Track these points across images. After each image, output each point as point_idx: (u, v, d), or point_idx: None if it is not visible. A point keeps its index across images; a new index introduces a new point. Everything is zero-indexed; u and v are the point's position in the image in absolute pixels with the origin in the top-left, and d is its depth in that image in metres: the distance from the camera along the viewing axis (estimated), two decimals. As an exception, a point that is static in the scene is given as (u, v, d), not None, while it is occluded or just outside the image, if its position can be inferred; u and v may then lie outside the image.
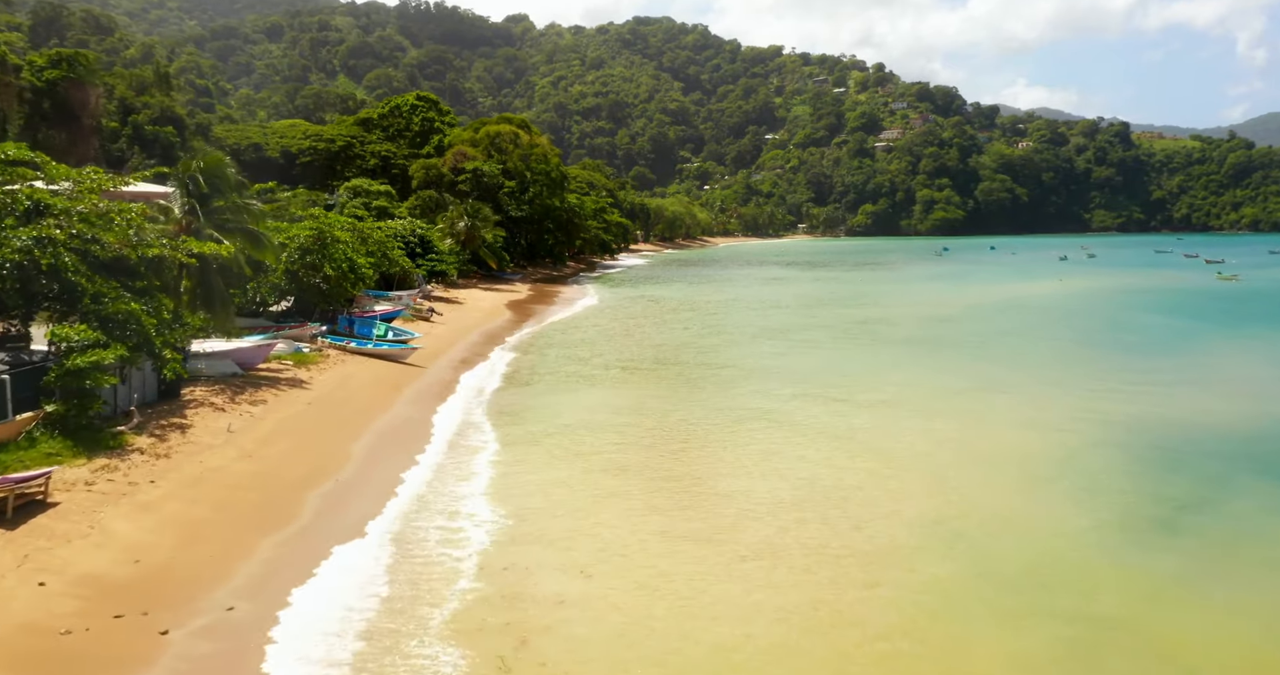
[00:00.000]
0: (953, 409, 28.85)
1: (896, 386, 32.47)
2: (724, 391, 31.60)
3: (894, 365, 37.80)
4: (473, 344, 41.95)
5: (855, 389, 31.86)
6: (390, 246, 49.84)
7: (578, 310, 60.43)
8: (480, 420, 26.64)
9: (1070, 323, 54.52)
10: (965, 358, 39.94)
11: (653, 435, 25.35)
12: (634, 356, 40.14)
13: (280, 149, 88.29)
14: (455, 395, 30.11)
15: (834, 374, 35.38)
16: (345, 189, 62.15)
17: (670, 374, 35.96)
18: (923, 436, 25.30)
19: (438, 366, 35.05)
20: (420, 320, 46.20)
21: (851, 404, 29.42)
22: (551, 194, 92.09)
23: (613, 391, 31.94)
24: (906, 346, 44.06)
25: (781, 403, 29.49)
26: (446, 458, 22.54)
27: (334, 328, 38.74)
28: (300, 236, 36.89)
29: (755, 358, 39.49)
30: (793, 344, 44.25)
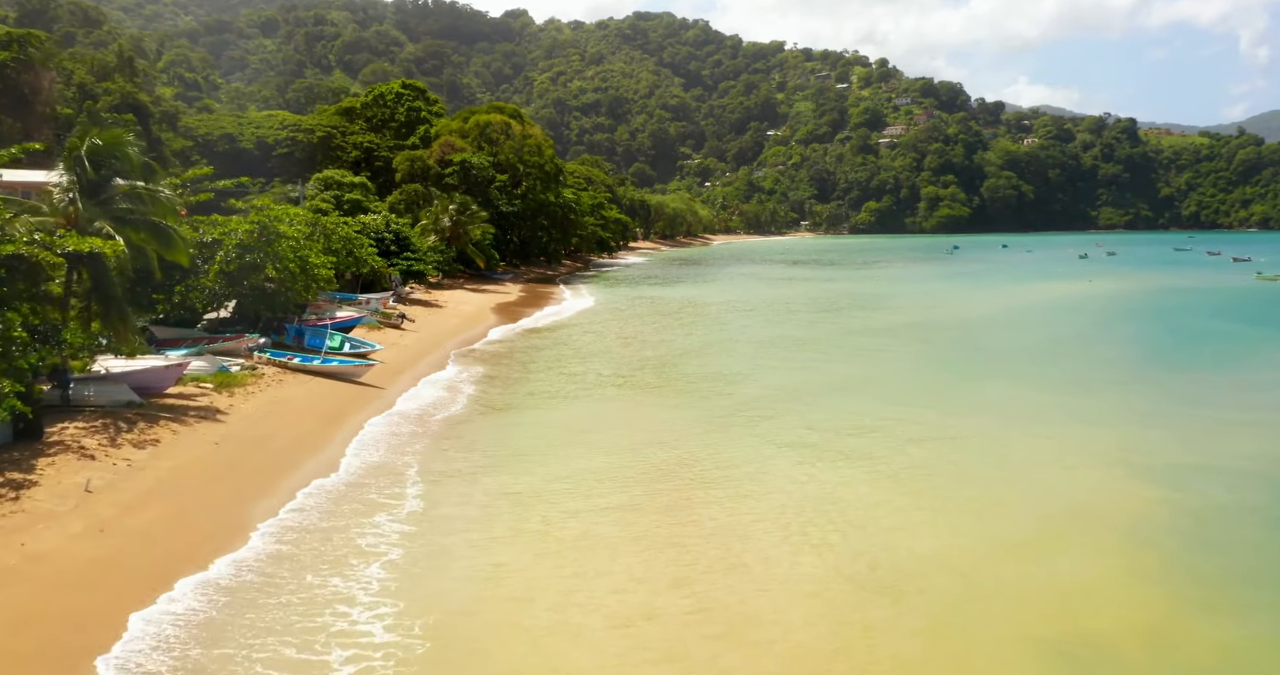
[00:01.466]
0: (1030, 450, 23.10)
1: (948, 416, 26.81)
2: (737, 420, 25.92)
3: (939, 385, 31.99)
4: (446, 356, 36.24)
5: (897, 418, 26.17)
6: (358, 244, 44.23)
7: (571, 314, 54.83)
8: (435, 465, 21.04)
9: (1126, 330, 48.50)
10: (1021, 375, 34.06)
11: (651, 491, 19.76)
12: (630, 371, 34.49)
13: (255, 140, 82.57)
14: (410, 428, 24.49)
15: (868, 396, 29.64)
16: (317, 180, 56.52)
17: (672, 394, 30.30)
18: (1000, 491, 19.69)
19: (398, 387, 29.43)
20: (390, 328, 40.61)
21: (896, 440, 23.74)
22: (546, 188, 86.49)
23: (601, 421, 26.34)
24: (947, 360, 38.28)
25: (806, 435, 23.86)
26: (382, 526, 16.97)
27: (281, 339, 33.18)
28: (239, 231, 31.30)
29: (770, 374, 33.61)
30: (812, 356, 38.49)
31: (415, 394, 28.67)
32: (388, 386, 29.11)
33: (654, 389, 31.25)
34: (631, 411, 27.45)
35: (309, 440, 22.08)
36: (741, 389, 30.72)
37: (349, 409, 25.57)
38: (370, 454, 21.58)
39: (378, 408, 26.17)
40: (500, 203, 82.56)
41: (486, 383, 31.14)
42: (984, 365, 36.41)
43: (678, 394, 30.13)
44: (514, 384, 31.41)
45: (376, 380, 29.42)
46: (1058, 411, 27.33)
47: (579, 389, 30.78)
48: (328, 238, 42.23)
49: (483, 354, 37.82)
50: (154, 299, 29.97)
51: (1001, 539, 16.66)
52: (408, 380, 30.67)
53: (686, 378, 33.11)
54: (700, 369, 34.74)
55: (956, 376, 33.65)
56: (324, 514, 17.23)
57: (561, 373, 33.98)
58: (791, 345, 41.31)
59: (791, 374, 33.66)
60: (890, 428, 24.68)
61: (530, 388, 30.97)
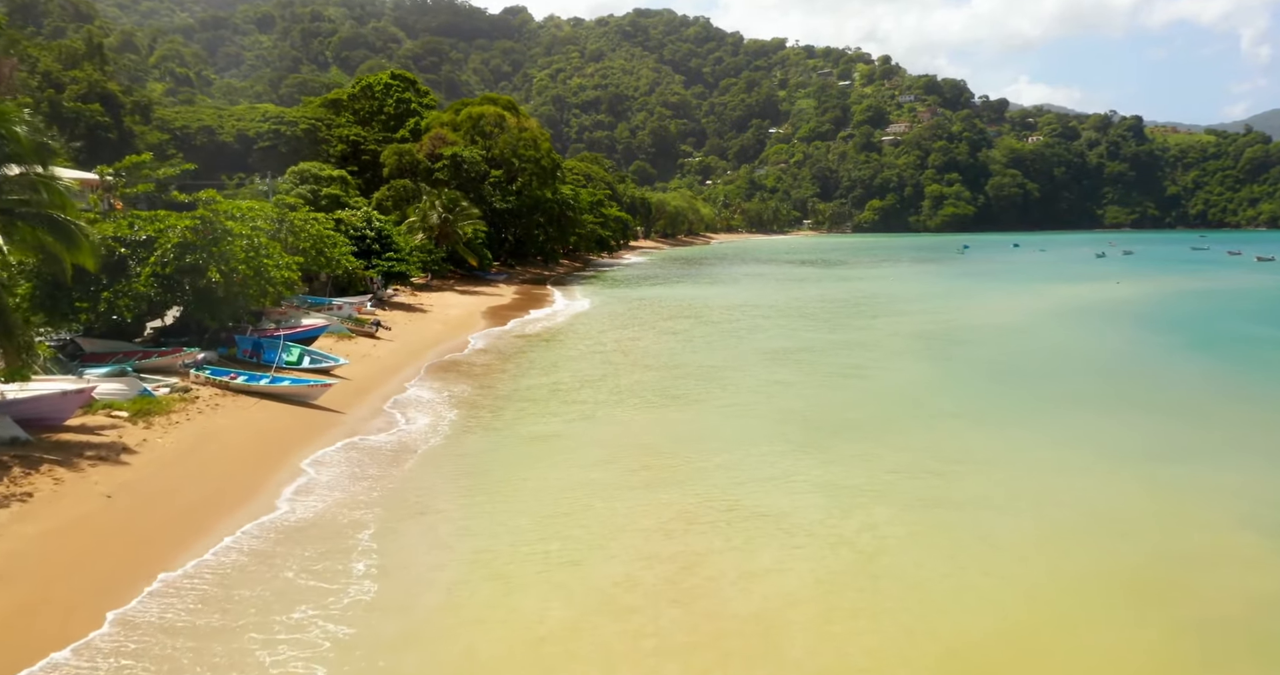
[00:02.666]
0: (1114, 502, 18.75)
1: (1008, 452, 22.39)
2: (752, 461, 21.52)
3: (988, 412, 27.27)
4: (423, 371, 31.79)
5: (946, 454, 21.81)
6: (331, 242, 39.85)
7: (567, 319, 50.42)
8: (392, 521, 16.70)
9: (1181, 338, 43.59)
10: (1079, 396, 29.42)
11: (650, 558, 15.42)
12: (628, 391, 30.02)
13: (236, 133, 78.16)
14: (367, 468, 20.13)
15: (908, 426, 25.15)
16: (292, 173, 52.13)
17: (677, 422, 25.90)
18: (1084, 561, 15.35)
19: (361, 410, 25.08)
20: (363, 337, 36.24)
21: (949, 483, 19.38)
22: (542, 184, 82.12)
23: (598, 459, 21.98)
24: (991, 374, 33.54)
25: (842, 478, 19.45)
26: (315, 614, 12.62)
27: (232, 353, 28.83)
28: (178, 228, 26.93)
29: (787, 397, 28.92)
30: (835, 371, 33.68)
31: (379, 420, 24.28)
32: (348, 410, 24.75)
33: (656, 417, 26.84)
34: (633, 446, 23.09)
35: (234, 488, 17.69)
36: (756, 417, 26.31)
37: (295, 441, 21.20)
38: (310, 506, 17.21)
39: (331, 439, 21.80)
40: (494, 199, 78.20)
41: (465, 406, 26.72)
42: (1052, 385, 31.27)
43: (684, 426, 25.71)
44: (497, 408, 26.99)
45: (336, 402, 25.07)
46: (1132, 446, 22.98)
47: (573, 415, 26.38)
48: (295, 236, 37.93)
49: (466, 368, 33.37)
50: (77, 307, 25.68)
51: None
52: (374, 402, 26.30)
53: (692, 403, 28.67)
54: (708, 391, 30.25)
55: (1027, 401, 28.52)
56: (220, 605, 12.84)
57: (554, 393, 29.58)
58: (810, 358, 36.76)
59: (814, 397, 29.17)
60: (945, 477, 20.26)
61: (516, 412, 26.55)
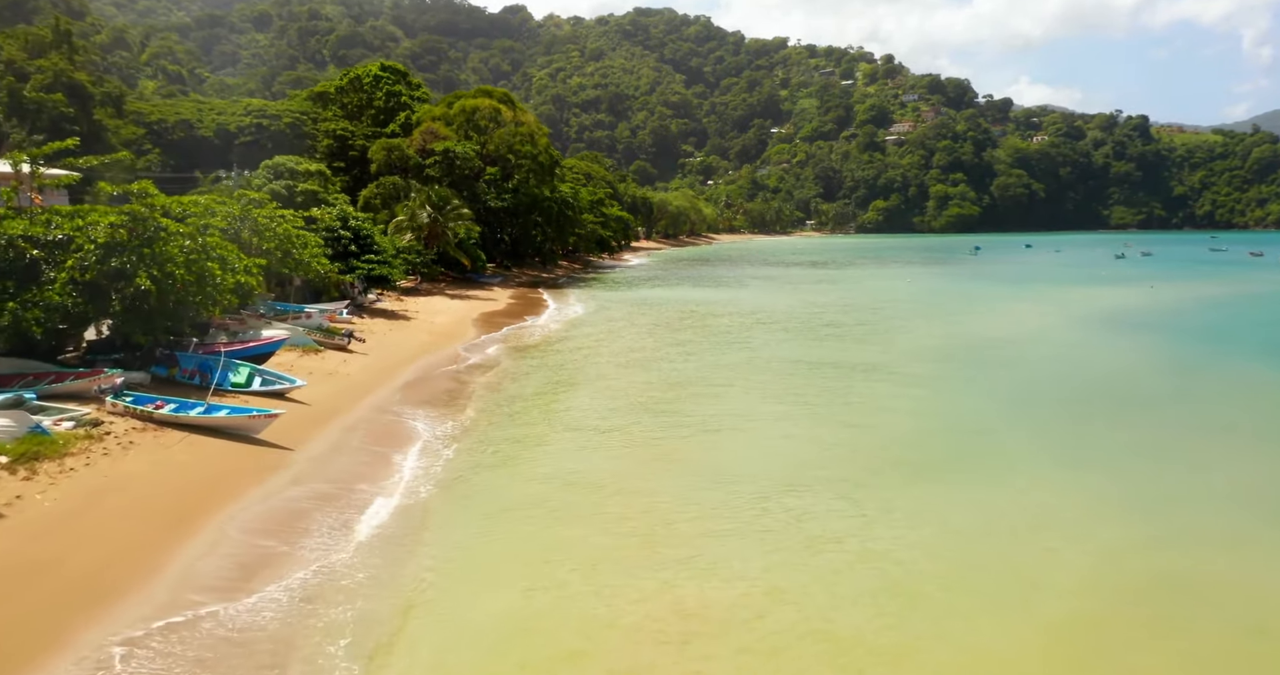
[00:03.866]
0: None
1: (1127, 524, 18.08)
2: (775, 527, 17.17)
3: (1066, 457, 22.82)
4: (395, 394, 27.28)
5: (1020, 516, 17.50)
6: (300, 242, 35.47)
7: (566, 327, 46.01)
8: (330, 642, 12.35)
9: (1257, 353, 39.17)
10: (1180, 435, 24.65)
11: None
12: (626, 424, 25.69)
13: (216, 127, 73.86)
14: (307, 538, 15.78)
15: (972, 475, 20.86)
16: (266, 168, 47.79)
17: (683, 467, 21.57)
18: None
19: (312, 447, 20.70)
20: (335, 350, 31.88)
21: (1040, 565, 15.03)
22: (540, 182, 77.79)
23: (600, 524, 17.65)
24: (1062, 404, 28.32)
25: (916, 558, 15.19)
26: None
27: (172, 374, 24.47)
28: (101, 226, 22.60)
29: (816, 431, 24.19)
30: (868, 400, 28.78)
31: (332, 462, 19.89)
32: (300, 445, 20.37)
33: (660, 458, 22.47)
34: (636, 500, 18.76)
35: (121, 572, 13.32)
36: (781, 460, 21.95)
37: (221, 495, 16.82)
38: (228, 604, 12.86)
39: (270, 491, 17.42)
40: (488, 197, 73.87)
41: (439, 442, 22.37)
42: (1139, 419, 26.35)
43: (690, 479, 21.32)
44: (477, 443, 22.60)
45: (287, 435, 20.68)
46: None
47: (566, 455, 22.03)
48: (259, 235, 33.59)
49: (445, 389, 28.94)
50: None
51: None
52: (333, 433, 21.91)
53: (701, 439, 24.29)
54: (718, 421, 25.84)
55: (1117, 444, 23.46)
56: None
57: (546, 422, 25.24)
58: (836, 384, 32.01)
59: (844, 431, 24.62)
60: (1027, 556, 15.91)
61: (499, 448, 22.19)
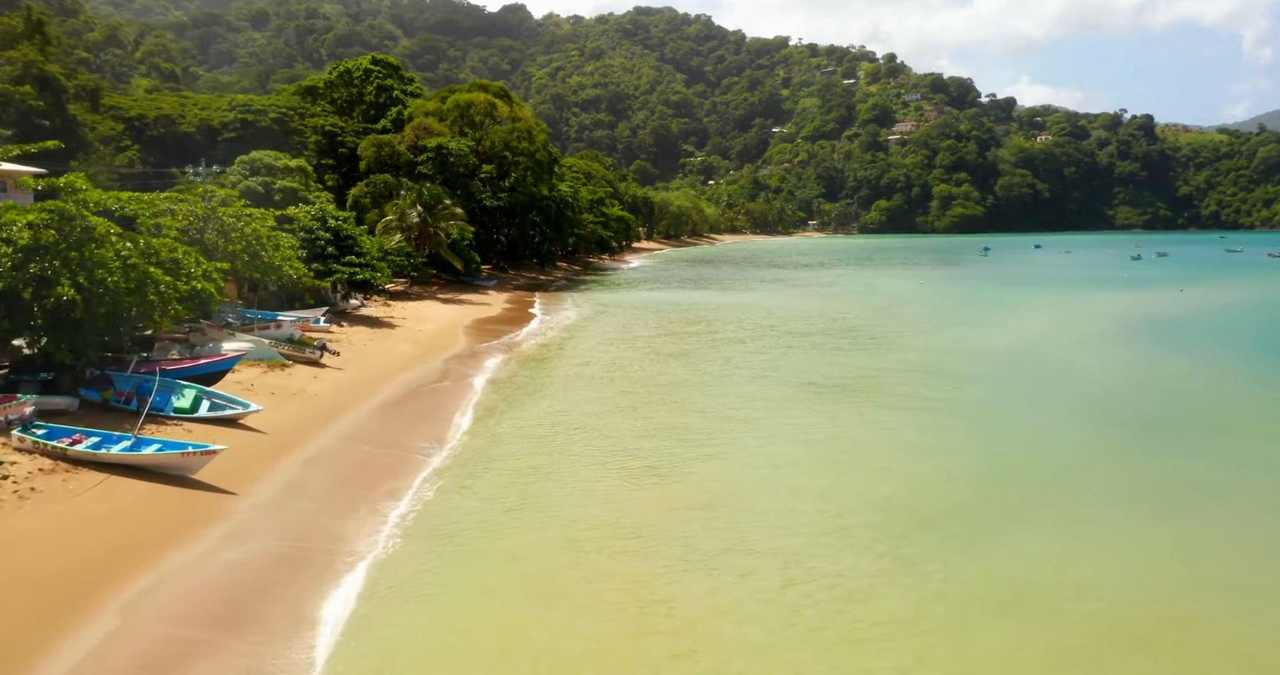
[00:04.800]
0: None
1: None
2: (805, 605, 13.75)
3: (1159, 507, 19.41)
4: (369, 417, 23.83)
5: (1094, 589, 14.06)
6: (271, 244, 32.12)
7: (563, 337, 42.67)
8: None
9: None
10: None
11: None
12: (626, 470, 22.31)
13: (199, 123, 70.48)
14: (242, 631, 12.38)
15: (1042, 531, 17.38)
16: (241, 163, 44.44)
17: (691, 526, 18.18)
18: None
19: (265, 486, 17.34)
20: (307, 364, 28.52)
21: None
22: (538, 180, 74.38)
23: (600, 595, 14.28)
24: (1147, 439, 23.96)
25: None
26: None
27: (106, 398, 21.10)
28: (18, 225, 19.26)
29: (847, 477, 20.00)
30: (916, 431, 24.03)
31: (286, 510, 16.50)
32: (244, 488, 17.00)
33: (664, 515, 19.11)
34: (641, 569, 15.42)
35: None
36: (805, 511, 18.55)
37: (135, 561, 13.45)
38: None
39: (202, 553, 14.04)
40: (484, 196, 70.55)
41: (421, 479, 19.00)
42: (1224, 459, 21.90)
43: (703, 537, 17.90)
44: (464, 479, 19.25)
45: (232, 474, 17.31)
46: None
47: (558, 504, 18.69)
48: (224, 236, 30.26)
49: (426, 410, 25.51)
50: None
51: None
52: (287, 471, 18.53)
53: (711, 491, 20.88)
54: (732, 468, 22.40)
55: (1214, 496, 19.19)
56: None
57: (535, 455, 21.92)
58: (866, 404, 28.36)
59: (886, 473, 20.60)
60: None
61: (488, 487, 18.85)
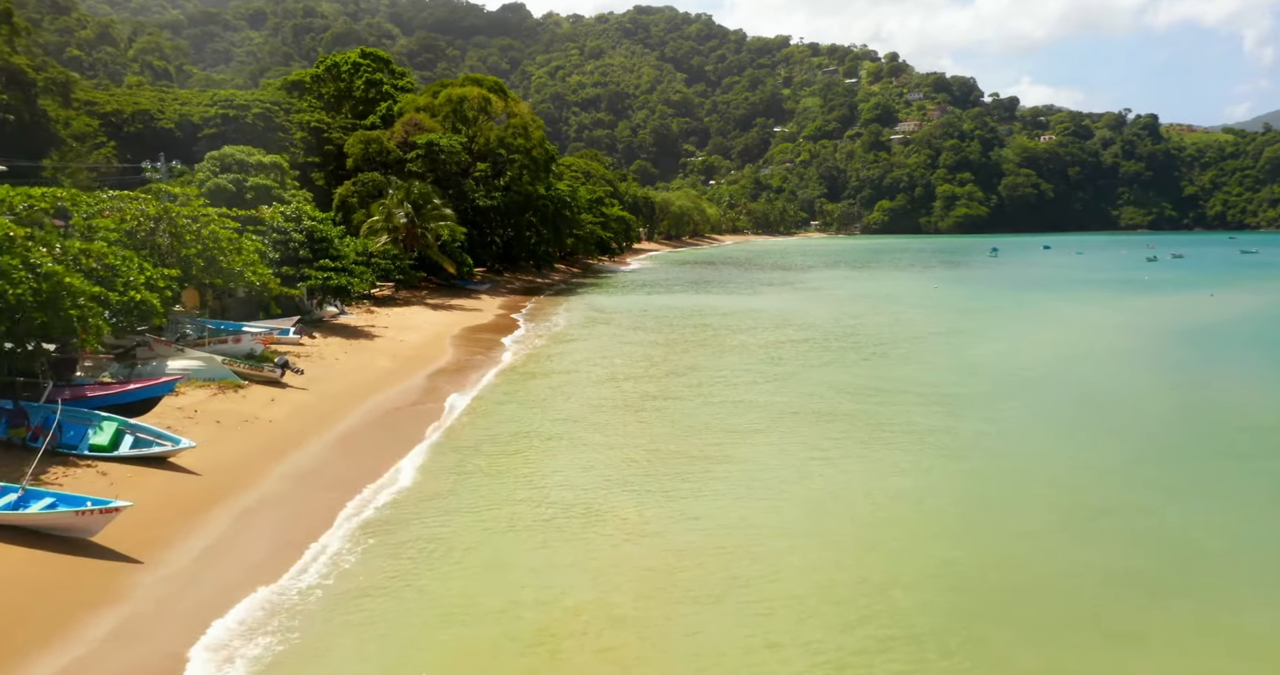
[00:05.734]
0: None
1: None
2: None
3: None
4: (326, 454, 20.43)
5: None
6: (232, 248, 28.74)
7: (560, 348, 39.31)
8: None
9: None
10: None
11: None
12: (609, 526, 18.82)
13: (178, 118, 67.16)
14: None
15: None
16: (211, 159, 41.10)
17: (703, 609, 14.65)
18: None
19: (183, 553, 13.98)
20: (266, 383, 25.16)
21: None
22: (534, 178, 71.05)
23: None
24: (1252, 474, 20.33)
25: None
26: None
27: (17, 434, 17.72)
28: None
29: (917, 554, 16.01)
30: (973, 473, 19.91)
31: (202, 582, 13.15)
32: (151, 556, 13.63)
33: (672, 591, 15.68)
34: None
35: None
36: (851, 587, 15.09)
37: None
38: None
39: (71, 665, 10.70)
40: (477, 196, 67.21)
41: (378, 536, 15.62)
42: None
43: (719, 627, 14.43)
44: (434, 531, 15.88)
45: (139, 533, 13.96)
46: None
47: (517, 593, 15.31)
48: (177, 239, 26.91)
49: (396, 441, 22.17)
50: None
51: None
52: (219, 525, 15.16)
53: (727, 561, 17.32)
54: (753, 526, 18.95)
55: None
56: None
57: (520, 503, 18.55)
58: (906, 432, 24.97)
59: (946, 524, 17.44)
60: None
61: (461, 544, 15.49)
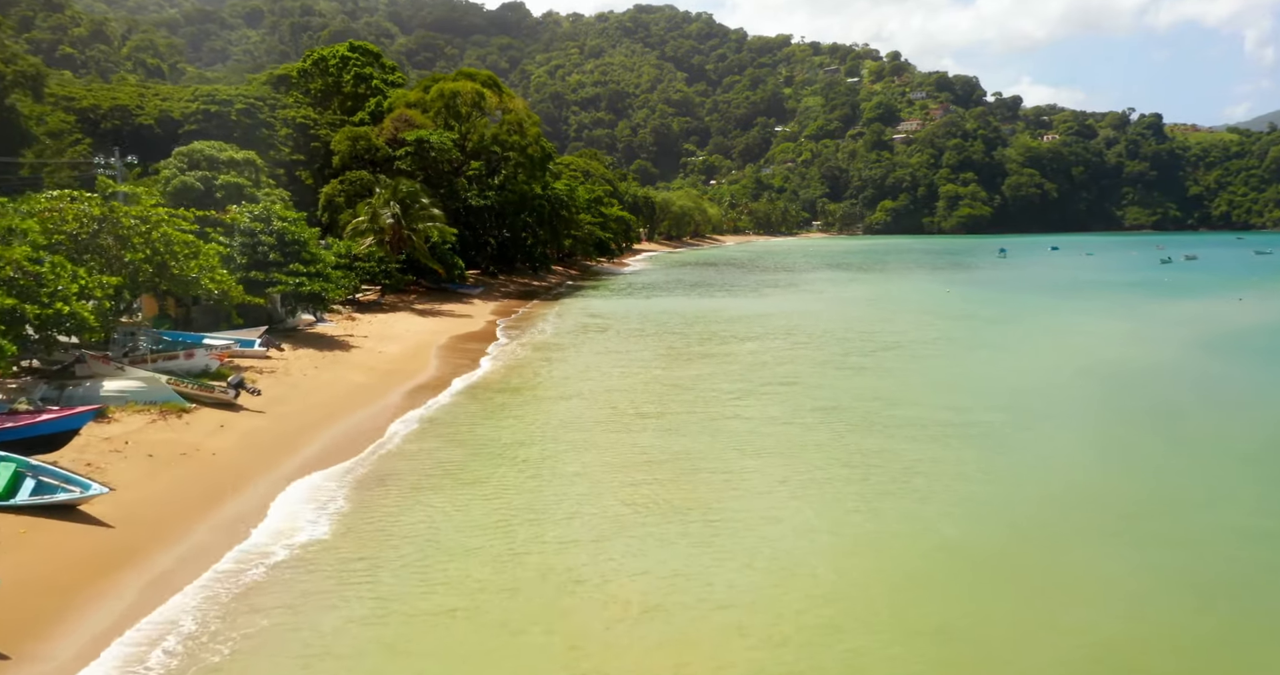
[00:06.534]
0: None
1: None
2: None
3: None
4: (268, 500, 17.54)
5: None
6: (187, 251, 25.81)
7: (550, 354, 36.43)
8: None
9: None
10: None
11: None
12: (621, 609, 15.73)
13: (159, 114, 64.32)
14: None
15: None
16: (179, 155, 38.22)
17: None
18: None
19: (71, 640, 11.07)
20: (218, 407, 22.26)
21: None
22: (530, 177, 68.15)
23: None
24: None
25: None
26: None
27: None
28: None
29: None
30: (1034, 514, 17.79)
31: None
32: (22, 648, 10.74)
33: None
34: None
35: None
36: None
37: None
38: None
39: None
40: (470, 195, 64.31)
41: (330, 607, 12.70)
42: None
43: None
44: (396, 603, 12.95)
45: (10, 616, 11.09)
46: None
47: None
48: (122, 242, 24.02)
49: (359, 481, 19.21)
50: None
51: None
52: (126, 595, 12.25)
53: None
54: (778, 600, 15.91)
55: None
56: None
57: (501, 563, 15.61)
58: (947, 463, 22.13)
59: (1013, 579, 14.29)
60: None
61: (429, 617, 12.56)
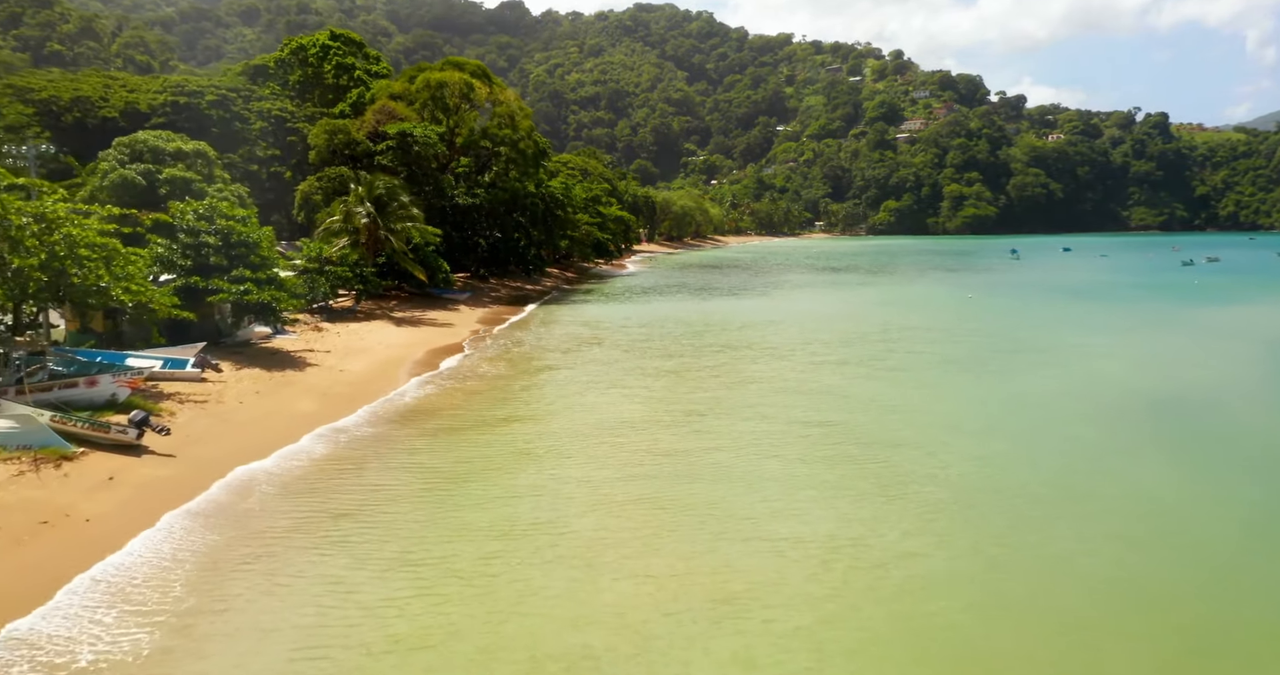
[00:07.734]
0: None
1: None
2: None
3: None
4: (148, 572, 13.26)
5: None
6: (96, 256, 21.58)
7: (541, 372, 32.22)
8: None
9: None
10: None
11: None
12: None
13: (124, 106, 60.16)
14: None
15: None
16: (119, 146, 34.03)
17: None
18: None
19: None
20: (115, 449, 18.00)
21: None
22: (522, 174, 63.91)
23: None
24: None
25: None
26: None
27: None
28: None
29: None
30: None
31: None
32: None
33: None
34: None
35: None
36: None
37: None
38: None
39: None
40: (457, 193, 60.09)
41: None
42: None
43: None
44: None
45: None
46: None
47: None
48: (12, 244, 19.79)
49: (256, 558, 14.97)
50: None
51: None
52: None
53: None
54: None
55: None
56: None
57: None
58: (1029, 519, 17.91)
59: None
60: None
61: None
